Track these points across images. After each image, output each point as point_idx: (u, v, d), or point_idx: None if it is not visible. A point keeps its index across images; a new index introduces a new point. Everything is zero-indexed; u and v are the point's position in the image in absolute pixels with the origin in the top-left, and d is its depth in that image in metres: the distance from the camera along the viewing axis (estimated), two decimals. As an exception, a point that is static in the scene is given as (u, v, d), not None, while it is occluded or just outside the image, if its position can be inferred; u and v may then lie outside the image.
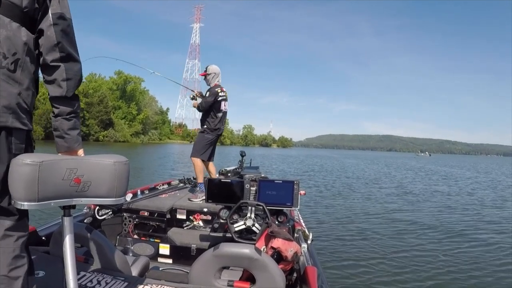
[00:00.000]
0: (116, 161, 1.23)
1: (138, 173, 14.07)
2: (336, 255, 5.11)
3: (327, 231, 6.51)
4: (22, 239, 1.21)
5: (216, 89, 4.23)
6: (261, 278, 1.74)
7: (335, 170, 24.50)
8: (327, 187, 13.50)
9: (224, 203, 2.81)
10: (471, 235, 6.94)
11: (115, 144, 54.95)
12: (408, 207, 9.93)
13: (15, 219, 1.18)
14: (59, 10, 1.21)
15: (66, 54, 1.23)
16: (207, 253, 1.80)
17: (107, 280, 1.66)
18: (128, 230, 3.42)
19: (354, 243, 5.83)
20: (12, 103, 1.12)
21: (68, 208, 1.21)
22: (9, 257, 1.16)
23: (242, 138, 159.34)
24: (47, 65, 1.22)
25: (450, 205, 10.75)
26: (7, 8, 1.12)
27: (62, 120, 1.27)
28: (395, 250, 5.61)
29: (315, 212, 8.31)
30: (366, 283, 4.21)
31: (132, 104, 75.25)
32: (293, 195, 2.69)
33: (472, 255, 5.55)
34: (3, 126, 1.10)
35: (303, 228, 2.86)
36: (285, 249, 2.10)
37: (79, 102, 1.33)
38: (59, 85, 1.23)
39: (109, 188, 1.23)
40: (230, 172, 4.60)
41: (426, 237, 6.61)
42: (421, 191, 14.25)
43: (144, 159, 23.91)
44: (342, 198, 10.87)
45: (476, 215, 9.27)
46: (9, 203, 1.14)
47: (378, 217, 8.16)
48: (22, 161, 1.07)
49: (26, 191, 1.06)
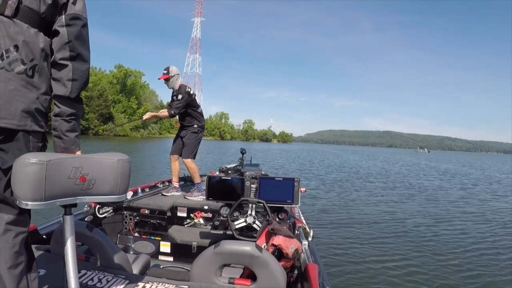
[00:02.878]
0: (119, 159, 1.26)
1: (139, 170, 14.07)
2: (337, 252, 5.13)
3: (328, 228, 6.52)
4: (22, 236, 1.20)
5: (185, 89, 4.16)
6: (262, 275, 1.74)
7: (335, 166, 24.53)
8: (328, 184, 13.52)
9: (225, 201, 2.80)
10: (473, 230, 7.03)
11: (115, 138, 54.86)
12: (408, 203, 9.97)
13: (16, 214, 1.18)
14: (73, 11, 1.22)
15: (76, 53, 1.24)
16: (208, 251, 1.80)
17: (108, 278, 1.66)
18: (129, 228, 3.43)
19: (355, 240, 5.84)
20: (31, 107, 1.16)
21: (69, 207, 1.21)
22: (9, 253, 1.15)
23: (243, 133, 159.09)
24: (56, 63, 1.22)
25: (452, 200, 10.85)
26: (25, 14, 1.14)
27: (62, 121, 1.27)
28: (395, 246, 5.64)
29: (315, 209, 8.32)
30: (367, 279, 4.23)
31: (132, 98, 74.80)
32: (294, 192, 2.69)
33: (472, 249, 5.63)
34: (22, 129, 1.14)
35: (304, 225, 2.86)
36: (286, 246, 2.10)
37: (82, 105, 1.33)
38: (63, 84, 1.24)
39: (112, 186, 1.25)
40: (231, 170, 4.60)
41: (427, 233, 6.64)
42: (422, 187, 14.33)
43: (145, 155, 23.93)
44: (343, 195, 10.88)
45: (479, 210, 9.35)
46: (11, 196, 1.14)
47: (379, 214, 8.18)
48: (28, 160, 1.06)
49: (32, 190, 1.05)
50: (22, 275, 1.18)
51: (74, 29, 1.22)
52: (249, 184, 2.77)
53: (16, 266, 1.17)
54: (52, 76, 1.25)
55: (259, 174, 3.18)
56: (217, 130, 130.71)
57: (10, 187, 1.12)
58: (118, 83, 74.22)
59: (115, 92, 70.62)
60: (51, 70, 1.24)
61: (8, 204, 1.17)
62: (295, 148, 75.95)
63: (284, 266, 1.99)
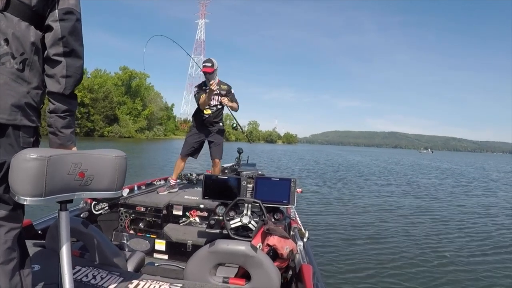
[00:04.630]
0: (117, 155, 1.29)
1: (140, 169, 14.10)
2: (332, 253, 5.11)
3: (324, 229, 6.50)
4: (15, 231, 1.19)
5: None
6: (256, 275, 1.74)
7: (332, 167, 24.55)
8: (324, 185, 13.48)
9: (221, 200, 2.81)
10: (466, 228, 7.11)
11: (120, 139, 55.13)
12: (404, 204, 9.93)
13: (8, 210, 1.16)
14: (66, 5, 1.19)
15: (70, 49, 1.21)
16: (202, 250, 1.81)
17: (102, 275, 1.66)
18: (124, 225, 3.43)
19: (350, 241, 5.82)
20: (21, 101, 1.13)
21: (65, 203, 1.22)
22: (1, 249, 1.14)
23: (247, 134, 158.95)
24: (49, 59, 1.20)
25: (450, 200, 10.81)
26: (16, 7, 1.11)
27: (56, 118, 1.26)
28: (391, 247, 5.61)
29: (311, 210, 8.30)
30: (362, 281, 4.21)
31: (137, 99, 75.16)
32: (290, 193, 2.69)
33: (469, 248, 5.63)
34: (12, 124, 1.12)
35: (299, 226, 2.85)
36: (281, 247, 2.11)
37: (76, 101, 1.32)
38: (57, 81, 1.22)
39: (110, 182, 1.27)
40: (227, 169, 4.58)
41: (422, 234, 6.60)
42: (420, 186, 14.35)
43: (149, 155, 24.00)
44: (338, 196, 10.84)
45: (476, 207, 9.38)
46: (4, 192, 1.14)
47: (375, 216, 8.13)
48: (29, 156, 1.06)
49: (33, 186, 1.05)
50: (14, 271, 1.17)
51: (67, 24, 1.20)
52: (245, 184, 2.78)
53: (8, 262, 1.15)
54: (46, 73, 1.22)
55: (256, 174, 3.18)
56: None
57: (3, 183, 1.13)
58: (123, 85, 74.57)
59: (120, 94, 71.04)
60: (43, 65, 1.22)
61: (1, 200, 1.15)
62: (299, 149, 75.81)
63: (279, 267, 1.99)
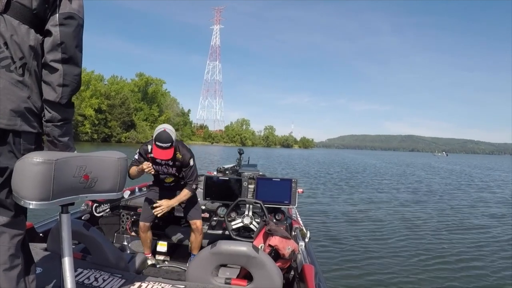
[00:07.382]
0: (119, 157, 1.30)
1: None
2: (334, 253, 5.08)
3: (325, 229, 6.47)
4: (18, 238, 1.17)
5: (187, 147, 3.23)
6: (258, 276, 1.74)
7: (337, 168, 24.56)
8: (326, 186, 13.47)
9: (222, 201, 2.82)
10: (470, 231, 7.00)
11: (137, 145, 55.56)
12: (406, 205, 9.83)
13: (11, 216, 1.14)
14: (67, 10, 1.15)
15: (69, 56, 1.17)
16: (204, 251, 1.81)
17: (104, 277, 1.68)
18: (126, 227, 3.43)
19: (352, 241, 5.77)
20: (21, 106, 1.11)
21: (66, 205, 1.22)
22: (4, 256, 1.12)
23: (264, 139, 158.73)
24: (47, 64, 1.16)
25: (452, 204, 10.53)
26: (16, 10, 1.09)
27: (53, 127, 1.21)
28: (394, 247, 5.54)
29: (313, 210, 8.25)
30: (363, 281, 4.17)
31: (153, 105, 76.43)
32: (291, 193, 2.69)
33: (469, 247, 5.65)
34: (11, 129, 1.09)
35: (301, 226, 2.83)
36: (282, 247, 2.10)
37: (73, 109, 1.26)
38: (54, 89, 1.17)
39: (113, 183, 1.28)
40: (228, 170, 4.54)
41: (426, 234, 6.50)
42: (423, 189, 14.10)
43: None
44: (340, 196, 10.80)
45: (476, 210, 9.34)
46: (5, 198, 1.12)
47: (376, 216, 8.06)
48: (36, 159, 1.05)
49: (40, 190, 1.05)
50: (19, 277, 1.15)
51: (67, 29, 1.15)
52: (246, 185, 2.78)
53: (12, 268, 1.13)
54: (43, 79, 1.18)
55: (257, 175, 3.17)
56: (238, 137, 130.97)
57: (5, 188, 1.11)
58: (140, 91, 75.98)
59: (136, 100, 72.32)
60: (42, 70, 1.18)
61: (2, 206, 1.13)
62: (314, 153, 75.38)
63: (280, 267, 1.99)
